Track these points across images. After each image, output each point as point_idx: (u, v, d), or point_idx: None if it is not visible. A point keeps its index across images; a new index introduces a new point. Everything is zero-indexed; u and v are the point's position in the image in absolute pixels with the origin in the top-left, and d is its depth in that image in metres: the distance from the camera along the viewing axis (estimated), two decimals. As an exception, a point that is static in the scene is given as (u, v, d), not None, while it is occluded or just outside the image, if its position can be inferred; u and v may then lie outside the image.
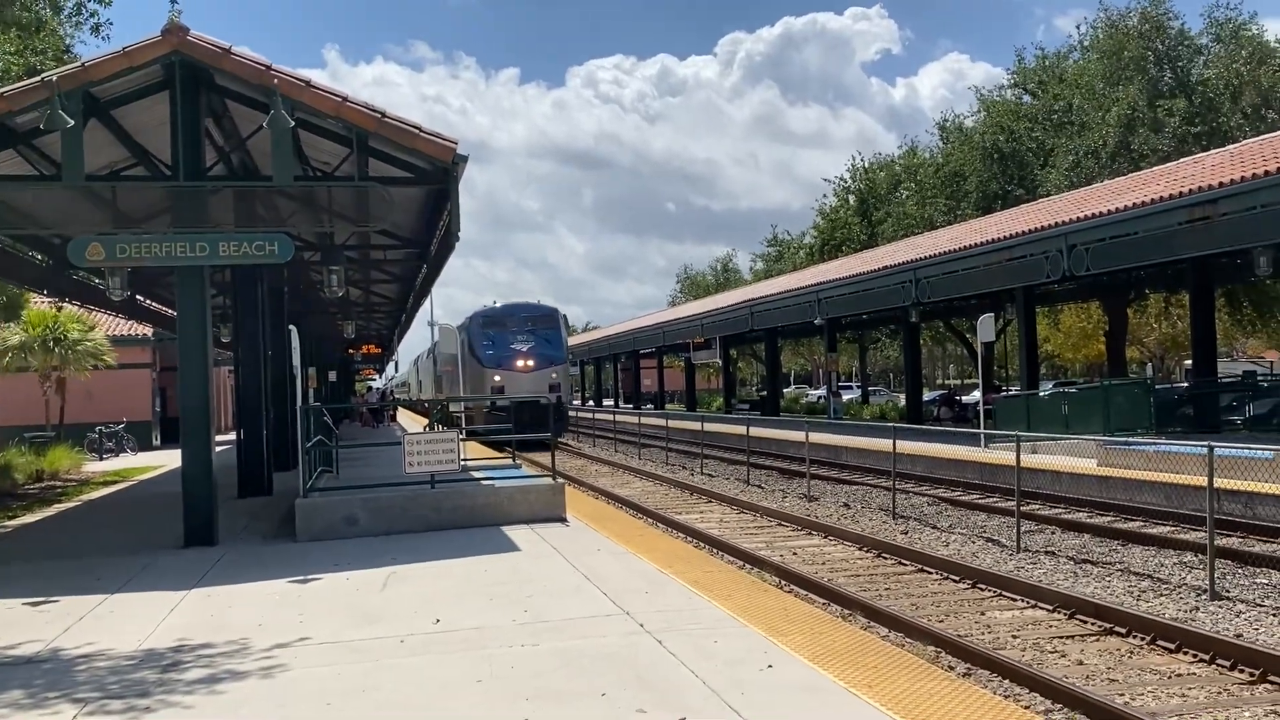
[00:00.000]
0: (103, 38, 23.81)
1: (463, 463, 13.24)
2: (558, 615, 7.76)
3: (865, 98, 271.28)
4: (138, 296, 23.18)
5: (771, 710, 5.44)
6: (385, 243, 18.98)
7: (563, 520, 12.79)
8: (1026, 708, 6.45)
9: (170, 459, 26.11)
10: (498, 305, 40.13)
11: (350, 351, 44.45)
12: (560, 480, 13.38)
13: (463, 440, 13.31)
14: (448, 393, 44.01)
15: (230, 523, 13.19)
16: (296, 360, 12.72)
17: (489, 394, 35.47)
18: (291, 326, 13.04)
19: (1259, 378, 29.98)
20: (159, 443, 34.08)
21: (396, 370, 78.96)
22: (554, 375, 36.80)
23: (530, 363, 36.53)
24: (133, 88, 12.11)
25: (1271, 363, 55.87)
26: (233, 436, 18.89)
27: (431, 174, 13.01)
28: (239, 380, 17.55)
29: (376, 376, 76.46)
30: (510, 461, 16.48)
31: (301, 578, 9.60)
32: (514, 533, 11.91)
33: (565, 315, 40.38)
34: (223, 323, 22.00)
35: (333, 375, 40.78)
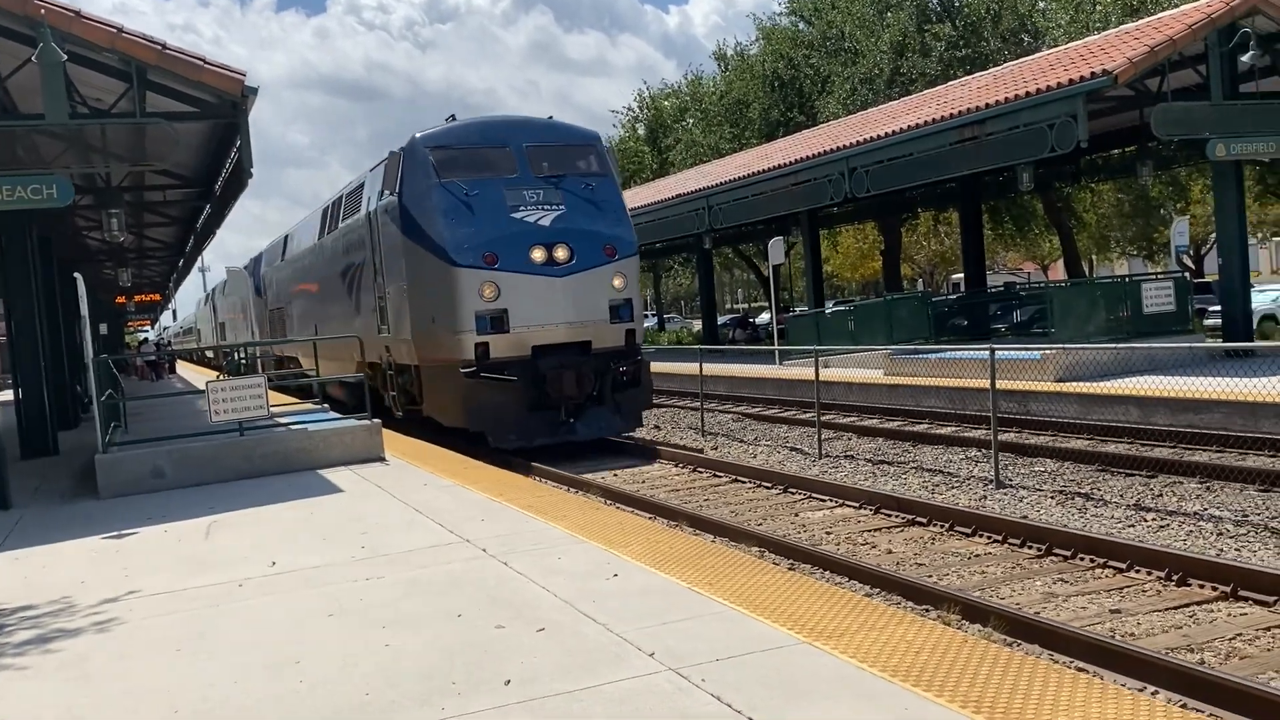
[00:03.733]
0: None
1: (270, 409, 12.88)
2: (397, 548, 7.78)
3: (641, 25, 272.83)
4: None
5: (626, 613, 5.69)
6: (164, 183, 18.00)
7: (382, 460, 12.69)
8: (852, 592, 6.94)
9: (-68, 426, 24.16)
10: (458, 122, 16.95)
11: (121, 301, 41.81)
12: (377, 420, 13.23)
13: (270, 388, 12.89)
14: (299, 331, 24.61)
15: (20, 485, 12.44)
16: (85, 310, 12.01)
17: (467, 331, 15.00)
18: (77, 275, 12.27)
19: (1019, 288, 32.34)
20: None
21: (175, 318, 74.31)
22: (618, 283, 15.83)
23: (564, 253, 15.41)
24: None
25: (1029, 274, 60.14)
26: (3, 397, 17.69)
27: (218, 108, 12.46)
28: (12, 335, 16.37)
29: (149, 326, 72.34)
30: (318, 406, 16.10)
31: (115, 533, 9.21)
32: (334, 475, 11.74)
33: (611, 148, 19.83)
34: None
35: (104, 327, 38.08)
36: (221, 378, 14.93)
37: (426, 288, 15.57)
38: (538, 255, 15.17)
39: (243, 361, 24.41)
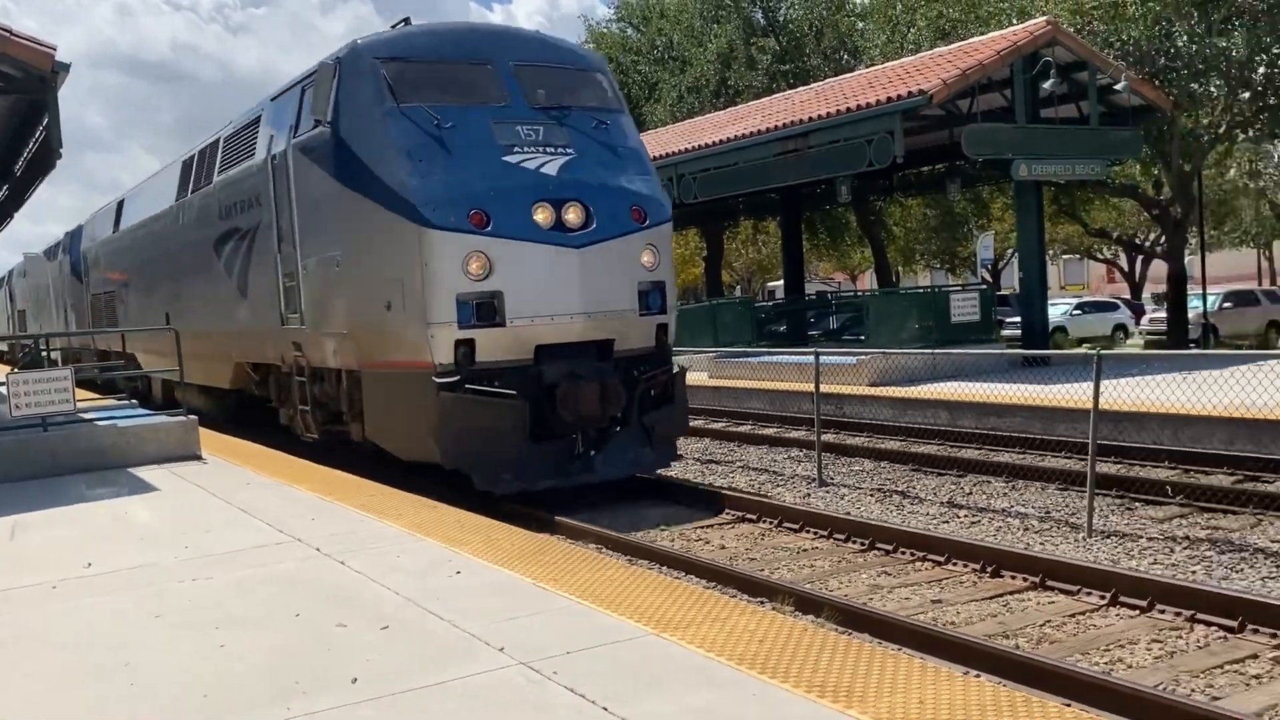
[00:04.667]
0: None
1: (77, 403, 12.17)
2: (223, 549, 7.48)
3: (463, 20, 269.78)
4: None
5: (472, 610, 5.65)
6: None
7: (199, 458, 12.15)
8: (692, 585, 7.08)
9: None
10: (416, 27, 12.27)
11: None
12: (193, 417, 12.66)
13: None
14: (144, 321, 19.54)
15: None
16: None
17: (442, 322, 10.51)
18: None
19: (832, 295, 33.62)
20: None
21: None
22: (648, 259, 11.54)
23: (577, 215, 10.97)
24: None
25: (839, 283, 62.51)
26: None
27: (24, 83, 11.66)
28: None
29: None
30: (128, 401, 15.29)
31: (-96, 536, 8.52)
32: (148, 473, 11.18)
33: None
34: None
35: None
36: (14, 371, 14.01)
37: (377, 259, 11.14)
38: (542, 216, 10.75)
39: (45, 354, 21.74)
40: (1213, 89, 22.41)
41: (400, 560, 6.85)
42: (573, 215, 10.85)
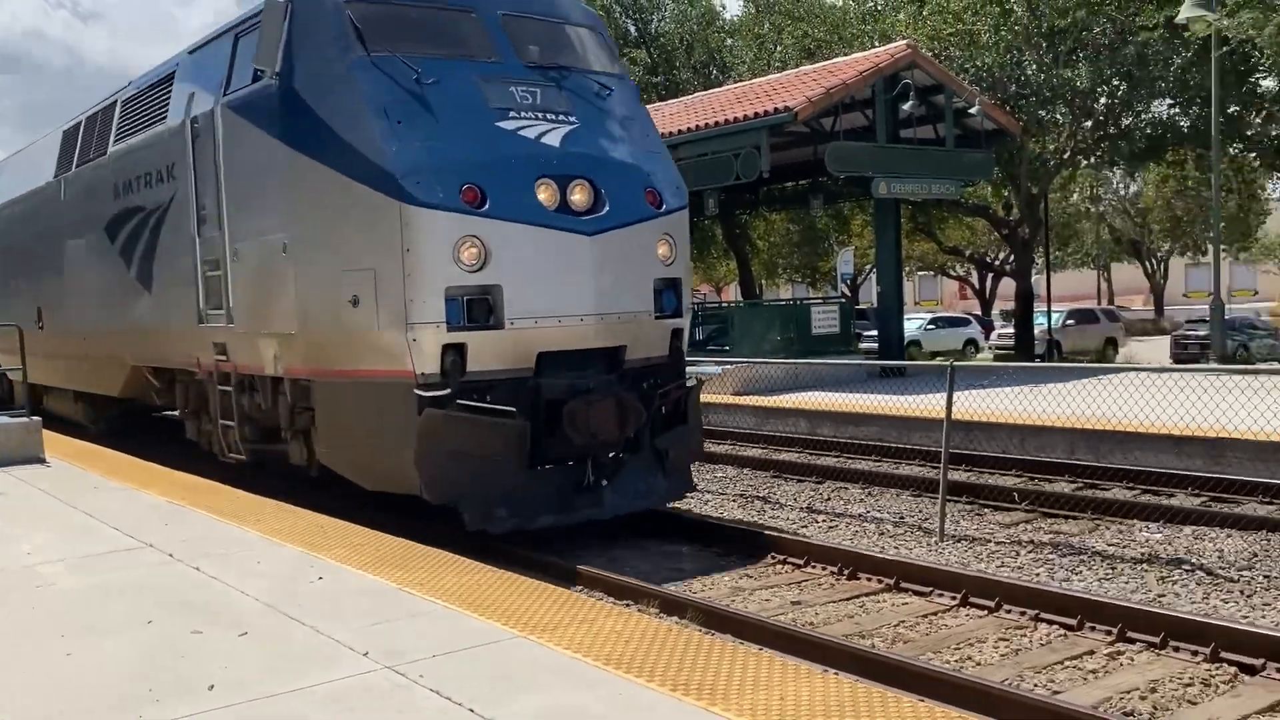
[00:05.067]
0: None
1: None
2: (72, 554, 7.17)
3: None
4: None
5: (336, 615, 5.56)
6: None
7: (41, 461, 11.61)
8: (560, 589, 7.09)
9: None
10: None
11: None
12: (36, 418, 12.08)
13: None
14: (11, 316, 16.15)
15: None
16: None
17: (427, 322, 8.42)
18: None
19: (696, 307, 34.07)
20: None
21: None
22: (664, 251, 9.56)
23: (584, 195, 8.99)
24: None
25: (705, 295, 63.42)
26: None
27: None
28: None
29: None
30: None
31: None
32: (-15, 476, 10.63)
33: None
34: None
35: None
36: None
37: (340, 242, 9.05)
38: (545, 195, 8.81)
39: None
40: (1059, 117, 23.64)
41: (259, 566, 6.68)
42: (579, 196, 9.00)
